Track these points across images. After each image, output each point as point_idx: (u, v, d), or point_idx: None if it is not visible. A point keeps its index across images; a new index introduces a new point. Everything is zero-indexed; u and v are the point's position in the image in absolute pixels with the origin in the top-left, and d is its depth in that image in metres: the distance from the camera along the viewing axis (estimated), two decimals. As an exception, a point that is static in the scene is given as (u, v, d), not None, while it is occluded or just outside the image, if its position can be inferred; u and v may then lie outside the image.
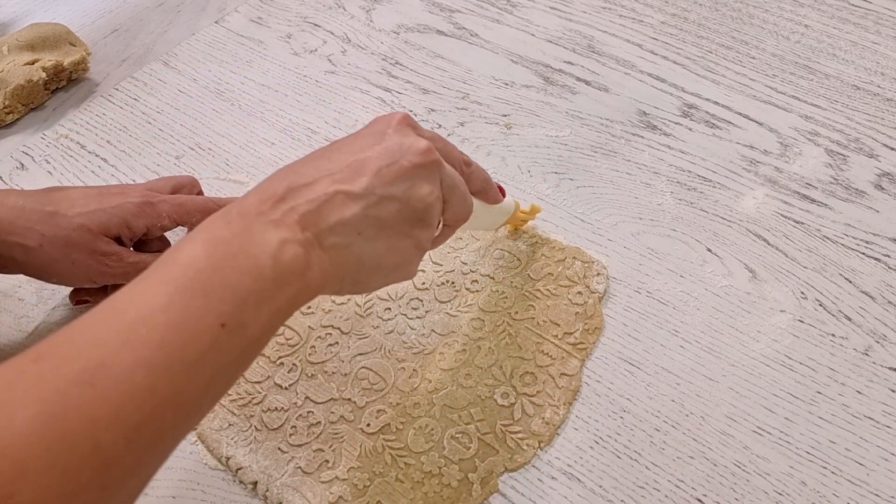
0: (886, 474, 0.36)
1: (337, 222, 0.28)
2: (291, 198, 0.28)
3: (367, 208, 0.29)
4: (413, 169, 0.30)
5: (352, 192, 0.28)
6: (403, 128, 0.31)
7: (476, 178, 0.36)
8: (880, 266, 0.44)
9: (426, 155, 0.30)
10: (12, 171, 0.53)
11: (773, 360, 0.40)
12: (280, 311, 0.27)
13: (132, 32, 0.65)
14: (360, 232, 0.29)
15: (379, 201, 0.29)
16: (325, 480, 0.36)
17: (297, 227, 0.27)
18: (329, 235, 0.28)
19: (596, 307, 0.42)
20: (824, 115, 0.53)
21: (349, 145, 0.30)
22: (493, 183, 0.38)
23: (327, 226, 0.28)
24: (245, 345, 0.25)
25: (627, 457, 0.37)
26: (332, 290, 0.29)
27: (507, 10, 0.64)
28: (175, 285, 0.24)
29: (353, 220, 0.28)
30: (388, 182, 0.29)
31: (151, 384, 0.22)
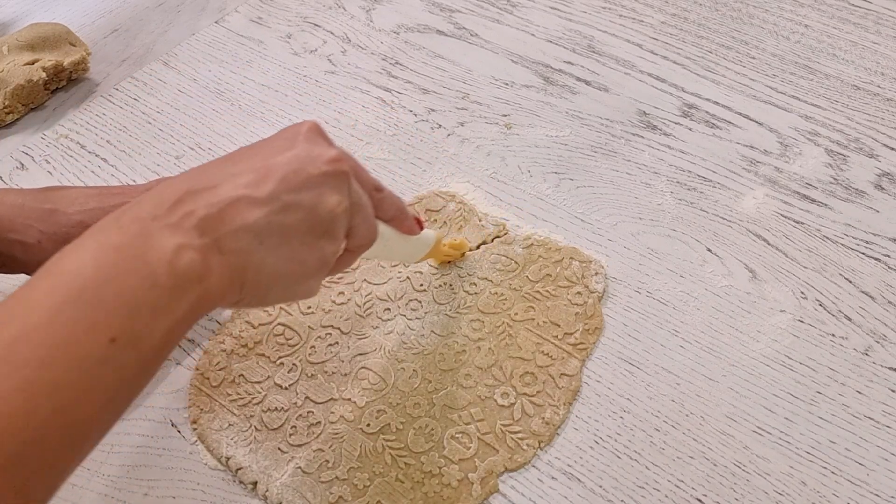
0: (886, 474, 0.36)
1: (239, 227, 0.26)
2: (190, 201, 0.26)
3: (271, 214, 0.27)
4: (321, 177, 0.28)
5: (256, 197, 0.27)
6: (314, 136, 0.30)
7: (388, 205, 0.34)
8: (880, 266, 0.44)
9: (336, 164, 0.29)
10: (12, 170, 0.53)
11: (773, 360, 0.40)
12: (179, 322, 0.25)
13: (132, 32, 0.65)
14: (263, 239, 0.27)
15: (284, 208, 0.27)
16: (325, 480, 0.36)
17: (194, 231, 0.26)
18: (230, 241, 0.26)
19: (596, 307, 0.42)
20: (824, 115, 0.53)
21: (257, 150, 0.29)
22: (409, 213, 0.36)
23: (228, 231, 0.26)
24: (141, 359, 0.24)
25: (627, 457, 0.37)
26: (232, 299, 0.28)
27: (507, 9, 0.64)
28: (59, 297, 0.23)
29: (256, 226, 0.27)
30: (295, 188, 0.28)
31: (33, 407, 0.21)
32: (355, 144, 0.53)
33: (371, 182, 0.33)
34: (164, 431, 0.39)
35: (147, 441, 0.39)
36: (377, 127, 0.54)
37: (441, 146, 0.53)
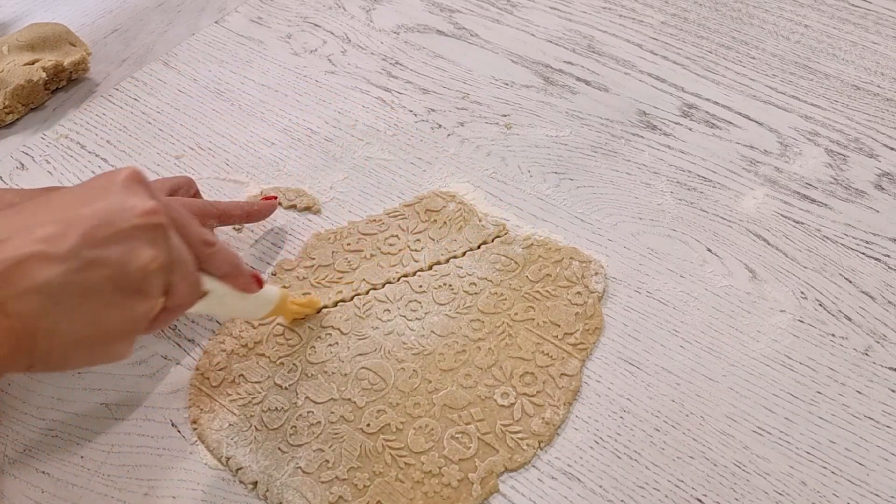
0: (886, 474, 0.36)
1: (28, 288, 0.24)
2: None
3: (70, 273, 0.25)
4: (132, 230, 0.26)
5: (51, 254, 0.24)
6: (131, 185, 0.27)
7: (219, 261, 0.32)
8: (880, 266, 0.44)
9: (150, 217, 0.27)
10: (12, 171, 0.53)
11: (773, 360, 0.40)
12: None
13: (132, 32, 0.65)
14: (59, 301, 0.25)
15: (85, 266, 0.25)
16: (325, 480, 0.36)
17: None
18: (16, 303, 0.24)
19: (596, 307, 0.42)
20: (824, 115, 0.53)
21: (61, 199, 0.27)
22: (244, 270, 0.34)
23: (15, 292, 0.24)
24: None
25: (627, 457, 0.37)
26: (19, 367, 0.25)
27: (507, 10, 0.64)
28: None
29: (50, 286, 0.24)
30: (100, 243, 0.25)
31: None
32: (355, 144, 0.53)
33: (199, 236, 0.30)
34: (164, 431, 0.39)
35: (147, 441, 0.39)
36: (377, 127, 0.54)
37: (441, 146, 0.53)
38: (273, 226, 0.49)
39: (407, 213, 0.48)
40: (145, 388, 0.41)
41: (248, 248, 0.48)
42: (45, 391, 0.41)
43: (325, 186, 0.51)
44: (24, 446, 0.39)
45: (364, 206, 0.49)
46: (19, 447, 0.39)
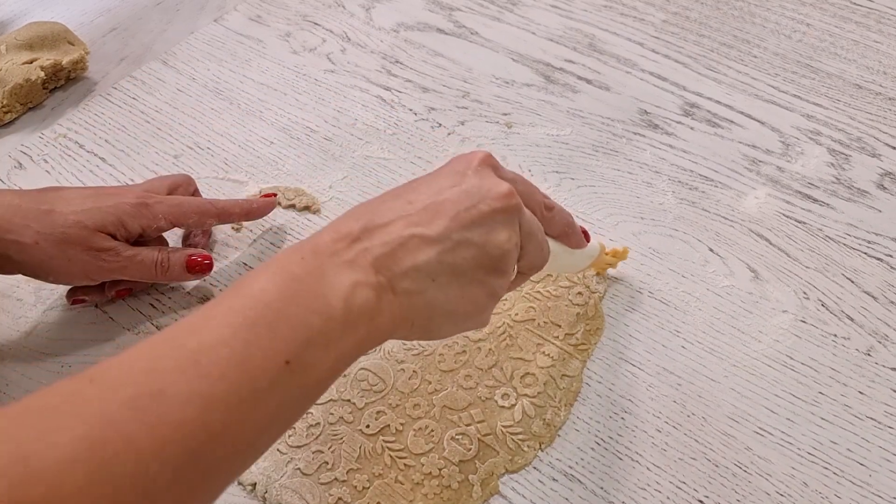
0: (888, 475, 0.36)
1: (411, 267, 0.27)
2: (366, 238, 0.27)
3: (443, 254, 0.28)
4: (492, 214, 0.28)
5: (427, 236, 0.27)
6: (483, 168, 0.30)
7: (557, 222, 0.34)
8: (883, 266, 0.44)
9: (506, 199, 0.29)
10: (11, 170, 0.53)
11: (775, 360, 0.40)
12: (346, 355, 0.26)
13: (131, 31, 0.64)
14: (434, 278, 0.28)
15: (455, 246, 0.28)
16: (324, 482, 0.36)
17: (370, 269, 0.26)
18: (402, 280, 0.27)
19: (597, 308, 0.42)
20: (826, 115, 0.53)
21: (427, 185, 0.29)
22: (577, 227, 0.36)
23: (401, 270, 0.27)
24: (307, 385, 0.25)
25: (629, 458, 0.37)
26: (401, 335, 0.29)
27: (508, 8, 0.63)
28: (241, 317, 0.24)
29: (428, 265, 0.27)
30: (466, 226, 0.28)
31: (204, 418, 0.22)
32: (355, 143, 0.53)
33: (540, 202, 0.33)
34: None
35: (145, 442, 0.39)
36: (377, 126, 0.54)
37: (441, 145, 0.53)
38: (272, 225, 0.48)
39: (407, 213, 0.47)
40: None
41: (246, 248, 0.47)
42: (44, 392, 0.41)
43: (325, 186, 0.50)
44: (22, 447, 0.39)
45: (364, 205, 0.49)
46: (17, 448, 0.39)
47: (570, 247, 0.36)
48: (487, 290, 0.29)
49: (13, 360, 0.43)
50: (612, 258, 0.42)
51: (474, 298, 0.29)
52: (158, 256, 0.41)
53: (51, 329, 0.44)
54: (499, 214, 0.29)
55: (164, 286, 0.45)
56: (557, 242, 0.35)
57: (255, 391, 0.23)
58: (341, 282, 0.26)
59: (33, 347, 0.43)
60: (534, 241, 0.31)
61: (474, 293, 0.29)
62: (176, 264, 0.41)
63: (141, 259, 0.40)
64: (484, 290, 0.29)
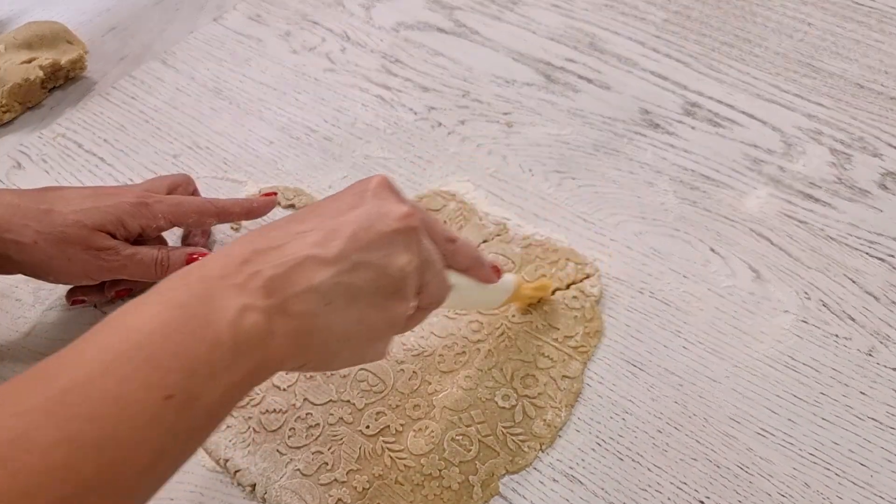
0: (890, 476, 0.36)
1: (305, 288, 0.26)
2: (258, 261, 0.26)
3: (340, 275, 0.26)
4: (392, 234, 0.28)
5: (324, 257, 0.26)
6: (383, 191, 0.29)
7: (462, 256, 0.33)
8: (884, 266, 0.44)
9: (406, 220, 0.28)
10: (9, 170, 0.53)
11: (777, 360, 0.40)
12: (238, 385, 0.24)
13: (130, 31, 0.64)
14: (330, 301, 0.26)
15: (353, 268, 0.27)
16: (324, 483, 0.36)
17: (261, 292, 0.25)
18: (296, 302, 0.26)
19: (594, 310, 0.42)
20: (828, 114, 0.53)
21: (325, 208, 0.29)
22: (484, 260, 0.35)
23: (295, 292, 0.26)
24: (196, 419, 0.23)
25: (630, 459, 0.37)
26: (296, 363, 0.27)
27: (508, 7, 0.63)
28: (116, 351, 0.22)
29: (324, 286, 0.26)
30: (364, 247, 0.27)
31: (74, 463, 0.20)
32: (354, 143, 0.53)
33: (443, 234, 0.32)
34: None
35: (145, 443, 0.38)
36: (377, 125, 0.54)
37: (441, 145, 0.52)
38: (272, 225, 0.48)
39: (407, 213, 0.47)
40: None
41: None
42: (42, 392, 0.41)
43: (325, 185, 0.50)
44: (21, 448, 0.39)
45: (364, 205, 0.49)
46: (16, 449, 0.39)
47: (478, 281, 0.35)
48: (386, 315, 0.28)
49: (12, 360, 0.43)
50: (534, 292, 0.41)
51: (372, 324, 0.28)
52: (158, 255, 0.41)
53: (49, 329, 0.44)
54: (399, 235, 0.28)
55: (164, 286, 0.45)
56: (465, 277, 0.34)
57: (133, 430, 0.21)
58: (229, 306, 0.24)
59: (32, 348, 0.43)
60: (432, 271, 0.30)
61: (372, 318, 0.28)
62: (176, 263, 0.41)
63: (140, 258, 0.40)
64: (382, 315, 0.28)
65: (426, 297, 0.31)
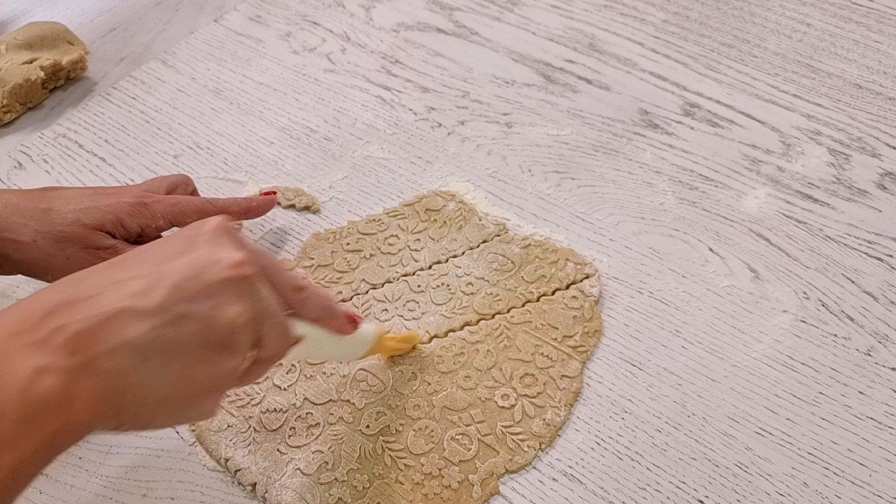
0: (889, 475, 0.36)
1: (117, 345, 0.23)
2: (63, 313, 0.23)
3: (159, 328, 0.24)
4: (221, 284, 0.25)
5: (141, 309, 0.24)
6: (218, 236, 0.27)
7: (312, 305, 0.31)
8: (883, 266, 0.44)
9: (238, 268, 0.26)
10: (10, 170, 0.53)
11: (776, 360, 0.40)
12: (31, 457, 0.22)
13: (130, 31, 0.64)
14: (146, 357, 0.24)
15: (174, 320, 0.24)
16: (324, 482, 0.36)
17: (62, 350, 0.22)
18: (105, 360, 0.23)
19: (593, 310, 0.42)
20: (827, 115, 0.53)
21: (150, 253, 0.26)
22: (338, 311, 0.33)
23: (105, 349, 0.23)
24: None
25: (629, 458, 0.37)
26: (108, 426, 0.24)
27: (508, 8, 0.63)
28: None
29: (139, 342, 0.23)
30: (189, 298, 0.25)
31: None
32: (355, 143, 0.53)
33: (288, 283, 0.30)
34: (163, 432, 0.39)
35: (145, 442, 0.39)
36: (377, 126, 0.54)
37: (441, 145, 0.53)
38: (272, 225, 0.48)
39: (407, 213, 0.47)
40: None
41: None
42: (43, 392, 0.41)
43: (325, 186, 0.50)
44: (22, 447, 0.39)
45: (363, 205, 0.49)
46: (17, 448, 0.39)
47: (331, 332, 0.33)
48: (212, 372, 0.26)
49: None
50: (398, 344, 0.39)
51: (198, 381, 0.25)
52: None
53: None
54: (229, 284, 0.26)
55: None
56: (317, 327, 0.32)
57: None
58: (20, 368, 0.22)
59: (33, 347, 0.43)
60: (271, 324, 0.28)
61: (197, 376, 0.25)
62: None
63: None
64: (208, 371, 0.26)
65: (265, 349, 0.28)
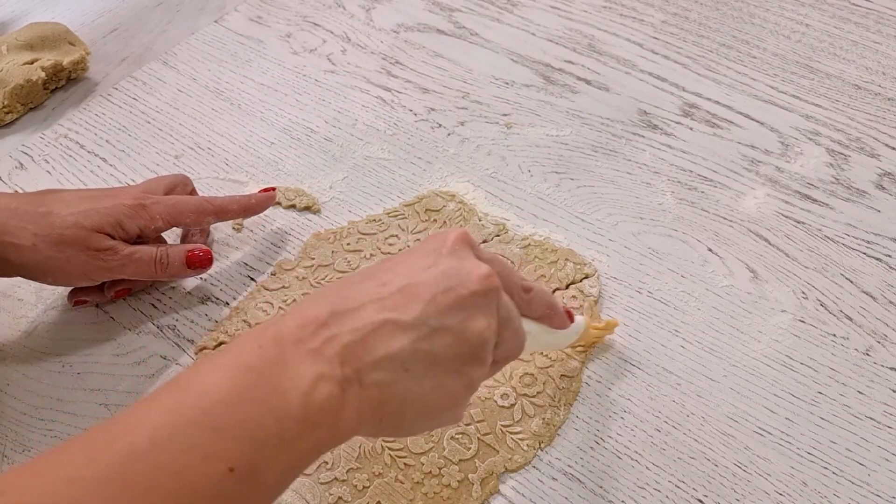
0: (887, 475, 0.36)
1: (383, 356, 0.25)
2: (335, 324, 0.25)
3: (418, 341, 0.25)
4: (471, 297, 0.26)
5: (402, 322, 0.25)
6: (461, 248, 0.28)
7: (537, 304, 0.32)
8: (881, 266, 0.44)
9: (486, 282, 0.27)
10: (11, 170, 0.53)
11: (775, 360, 0.40)
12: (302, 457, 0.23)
13: (131, 32, 0.64)
14: (408, 368, 0.25)
15: (431, 333, 0.25)
16: (324, 481, 0.36)
17: (336, 360, 0.24)
18: (372, 371, 0.24)
19: (593, 310, 0.42)
20: (825, 115, 0.53)
21: (401, 265, 0.27)
22: (560, 307, 0.34)
23: (371, 360, 0.25)
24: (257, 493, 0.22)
25: (628, 457, 0.37)
26: (369, 432, 0.26)
27: (508, 9, 0.63)
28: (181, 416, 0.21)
29: (401, 354, 0.25)
30: (443, 312, 0.26)
31: None
32: (355, 144, 0.53)
33: (518, 284, 0.31)
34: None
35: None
36: (377, 126, 0.54)
37: (441, 146, 0.53)
38: (272, 226, 0.49)
39: (407, 213, 0.48)
40: (144, 389, 0.41)
41: (247, 248, 0.47)
42: (45, 391, 0.41)
43: (325, 186, 0.51)
44: (24, 446, 0.39)
45: (364, 205, 0.49)
46: (19, 447, 0.39)
47: (552, 328, 0.34)
48: (465, 381, 0.27)
49: (14, 359, 0.43)
50: (600, 332, 0.40)
51: (450, 390, 0.27)
52: (157, 253, 0.41)
53: (51, 329, 0.44)
54: (478, 298, 0.27)
55: (165, 285, 0.46)
56: (537, 323, 0.33)
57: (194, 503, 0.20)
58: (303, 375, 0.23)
59: (34, 347, 0.43)
60: (510, 328, 0.29)
61: (451, 384, 0.27)
62: (175, 260, 0.41)
63: (140, 256, 0.40)
64: (461, 380, 0.27)
65: (502, 352, 0.29)
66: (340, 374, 0.24)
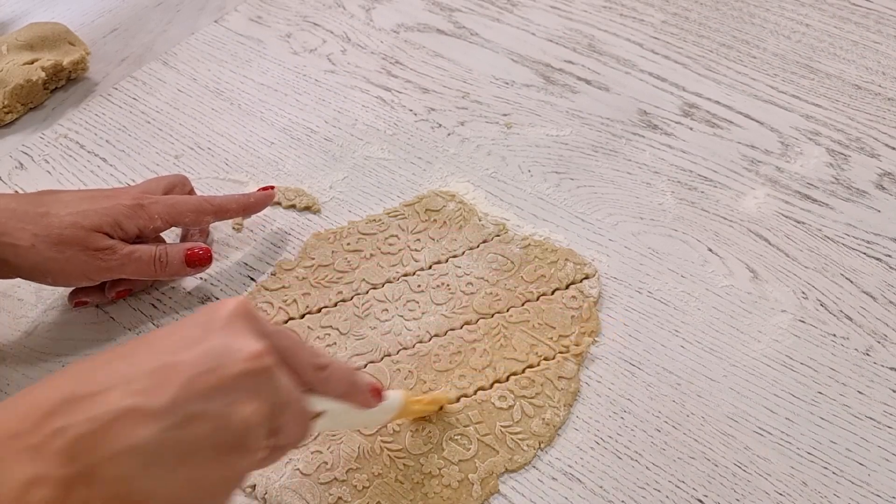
0: (887, 475, 0.36)
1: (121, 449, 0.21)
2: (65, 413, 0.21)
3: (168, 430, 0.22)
4: (237, 378, 0.24)
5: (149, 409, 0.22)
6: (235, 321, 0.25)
7: (336, 382, 0.29)
8: (881, 266, 0.44)
9: (255, 362, 0.24)
10: (11, 170, 0.53)
11: (775, 360, 0.40)
12: None
13: (131, 32, 0.64)
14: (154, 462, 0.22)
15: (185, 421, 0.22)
16: (323, 482, 0.36)
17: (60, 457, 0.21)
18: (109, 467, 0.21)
19: (591, 310, 0.42)
20: (825, 115, 0.53)
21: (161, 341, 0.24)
22: (362, 383, 0.31)
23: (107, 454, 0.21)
24: None
25: (628, 457, 0.37)
26: None
27: (508, 9, 0.63)
28: None
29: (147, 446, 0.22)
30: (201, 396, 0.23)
31: None
32: (355, 144, 0.53)
33: (311, 362, 0.28)
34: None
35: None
36: (377, 126, 0.54)
37: (441, 145, 0.53)
38: (272, 226, 0.49)
39: (407, 213, 0.48)
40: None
41: (247, 248, 0.47)
42: (44, 391, 0.41)
43: (325, 186, 0.51)
44: (23, 447, 0.39)
45: (364, 205, 0.49)
46: (18, 448, 0.39)
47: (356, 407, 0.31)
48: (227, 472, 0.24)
49: (14, 360, 0.43)
50: (425, 407, 0.37)
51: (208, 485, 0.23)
52: (156, 252, 0.41)
53: (52, 329, 0.44)
54: (245, 379, 0.24)
55: (165, 286, 0.46)
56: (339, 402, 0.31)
57: None
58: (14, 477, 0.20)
59: (34, 347, 0.43)
60: (290, 413, 0.26)
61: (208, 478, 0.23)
62: (174, 258, 0.41)
63: (139, 255, 0.40)
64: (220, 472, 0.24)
65: (283, 437, 0.27)
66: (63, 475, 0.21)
